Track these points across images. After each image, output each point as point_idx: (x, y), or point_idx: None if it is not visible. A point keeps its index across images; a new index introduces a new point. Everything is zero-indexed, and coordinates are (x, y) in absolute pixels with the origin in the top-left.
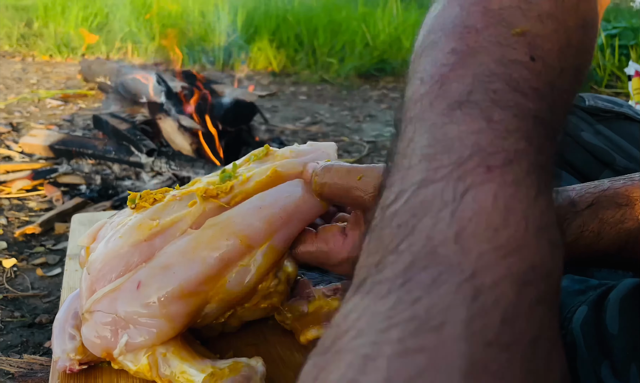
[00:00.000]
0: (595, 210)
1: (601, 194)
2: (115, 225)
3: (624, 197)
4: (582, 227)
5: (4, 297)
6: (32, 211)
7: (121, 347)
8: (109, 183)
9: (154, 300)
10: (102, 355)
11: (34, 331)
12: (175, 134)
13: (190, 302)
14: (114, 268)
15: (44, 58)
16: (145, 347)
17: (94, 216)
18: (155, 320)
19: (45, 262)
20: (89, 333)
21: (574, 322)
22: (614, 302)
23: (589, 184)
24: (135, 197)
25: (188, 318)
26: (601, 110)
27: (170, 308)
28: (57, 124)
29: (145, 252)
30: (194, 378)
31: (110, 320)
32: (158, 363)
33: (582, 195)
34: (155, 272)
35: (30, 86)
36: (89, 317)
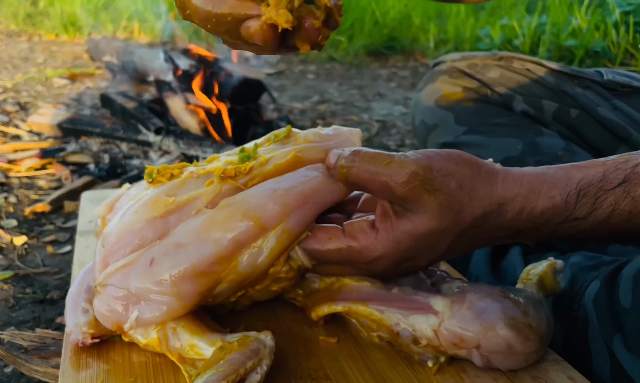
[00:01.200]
0: (627, 188)
1: (632, 170)
2: (132, 198)
3: None
4: (613, 206)
5: (15, 273)
6: (41, 189)
7: (131, 321)
8: (118, 161)
9: (165, 277)
10: (113, 328)
11: (46, 307)
12: (183, 113)
13: (201, 281)
14: (127, 243)
15: (51, 37)
16: (155, 323)
17: (103, 194)
18: (166, 297)
19: (56, 240)
20: (100, 306)
21: (586, 297)
22: (627, 277)
23: (619, 158)
24: (152, 171)
25: (199, 298)
26: (619, 85)
27: (182, 287)
28: (65, 103)
29: (160, 228)
30: (203, 352)
31: (122, 295)
32: (168, 337)
33: (612, 172)
34: (169, 250)
35: (37, 65)
36: (102, 290)
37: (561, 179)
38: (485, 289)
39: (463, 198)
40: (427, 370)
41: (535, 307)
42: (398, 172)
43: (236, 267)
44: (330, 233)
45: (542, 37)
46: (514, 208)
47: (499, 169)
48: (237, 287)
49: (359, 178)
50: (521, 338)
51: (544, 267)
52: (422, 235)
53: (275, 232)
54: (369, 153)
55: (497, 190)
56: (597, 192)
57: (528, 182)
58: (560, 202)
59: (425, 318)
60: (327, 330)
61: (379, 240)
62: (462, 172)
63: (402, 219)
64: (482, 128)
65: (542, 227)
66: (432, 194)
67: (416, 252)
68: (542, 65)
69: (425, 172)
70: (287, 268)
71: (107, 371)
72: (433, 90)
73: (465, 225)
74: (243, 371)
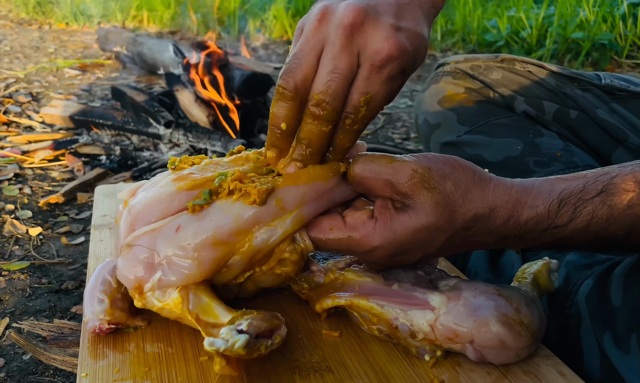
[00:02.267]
0: (604, 198)
1: (610, 181)
2: (156, 181)
3: (632, 182)
4: (592, 214)
5: (31, 263)
6: (54, 181)
7: (154, 281)
8: (128, 154)
9: (189, 242)
10: (134, 287)
11: (61, 297)
12: (192, 106)
13: (219, 250)
14: (153, 211)
15: (61, 26)
16: (174, 286)
17: (116, 187)
18: (187, 262)
19: (69, 231)
20: (125, 265)
21: (579, 295)
22: (619, 275)
23: (600, 171)
24: (175, 160)
25: (215, 265)
26: (616, 89)
27: (202, 253)
28: (76, 94)
29: (184, 199)
30: (220, 316)
31: (147, 255)
32: (189, 297)
33: (592, 183)
34: (194, 219)
35: (48, 55)
36: (127, 250)
37: (545, 190)
38: (481, 287)
39: (457, 199)
40: (424, 364)
41: (528, 304)
42: (400, 170)
43: (251, 241)
44: (331, 223)
45: (550, 29)
46: (502, 215)
47: (491, 177)
48: (248, 261)
49: (364, 177)
50: (513, 334)
51: (538, 266)
52: (418, 229)
53: (292, 216)
54: (373, 155)
55: (488, 196)
56: (576, 202)
57: (516, 191)
58: (543, 211)
59: (422, 313)
60: (330, 323)
61: (377, 230)
62: (457, 175)
63: (400, 213)
64: (483, 128)
65: (526, 234)
66: (429, 192)
67: (411, 246)
68: (544, 67)
69: (424, 170)
70: (292, 249)
71: (122, 361)
72: (436, 90)
73: (458, 225)
74: (275, 322)
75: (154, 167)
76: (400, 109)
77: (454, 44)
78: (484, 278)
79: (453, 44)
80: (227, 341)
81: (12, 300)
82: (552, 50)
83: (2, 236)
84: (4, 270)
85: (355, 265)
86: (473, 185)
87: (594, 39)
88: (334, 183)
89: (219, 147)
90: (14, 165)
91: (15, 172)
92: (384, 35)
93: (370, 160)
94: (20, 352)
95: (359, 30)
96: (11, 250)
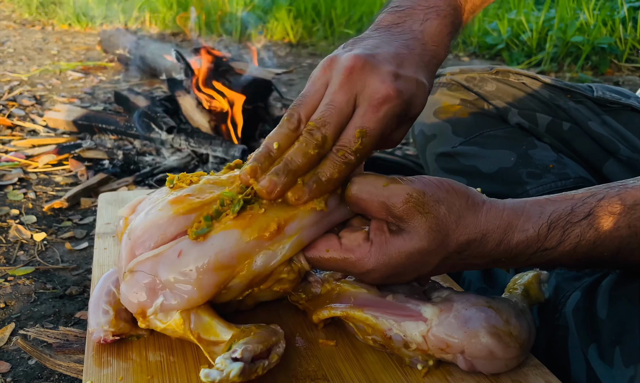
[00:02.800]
0: (591, 221)
1: (597, 204)
2: (154, 201)
3: (618, 205)
4: (579, 237)
5: (36, 269)
6: (58, 185)
7: (156, 306)
8: (131, 158)
9: (191, 268)
10: (137, 312)
11: (65, 302)
12: (194, 111)
13: (220, 274)
14: (152, 236)
15: (63, 27)
16: (176, 310)
17: (119, 195)
18: (189, 287)
19: (73, 236)
20: (128, 290)
21: (567, 307)
22: (605, 289)
23: (588, 192)
24: (173, 178)
25: (216, 289)
26: (608, 101)
27: (204, 278)
28: (79, 97)
29: (182, 224)
30: (221, 334)
31: (150, 281)
32: (191, 319)
33: (580, 205)
34: (196, 244)
35: (51, 57)
36: (130, 276)
37: (535, 213)
38: (472, 299)
39: (450, 224)
40: (417, 373)
41: (517, 316)
42: (395, 194)
43: (250, 264)
44: (328, 245)
45: (550, 32)
46: (494, 239)
47: (484, 201)
48: (247, 283)
49: (360, 199)
50: (502, 345)
51: (529, 277)
52: (411, 253)
53: (291, 241)
54: (369, 176)
55: (481, 221)
56: (565, 225)
57: (507, 215)
58: (532, 234)
59: (415, 324)
60: (327, 332)
61: (372, 253)
62: (451, 200)
63: (395, 237)
64: (478, 139)
65: (516, 257)
66: (423, 216)
67: (404, 269)
68: (537, 79)
69: (419, 195)
70: (289, 269)
71: (126, 369)
72: (432, 101)
73: (450, 249)
74: (271, 342)
75: (156, 172)
76: None
77: (454, 46)
78: (477, 286)
79: (453, 46)
80: (222, 371)
81: (18, 305)
82: (552, 54)
83: (8, 241)
84: (10, 275)
85: (350, 276)
86: (466, 210)
87: (593, 43)
88: (333, 206)
89: (220, 153)
90: (18, 169)
91: (19, 176)
92: (382, 79)
93: (366, 181)
94: (26, 357)
95: (359, 73)
96: (16, 256)
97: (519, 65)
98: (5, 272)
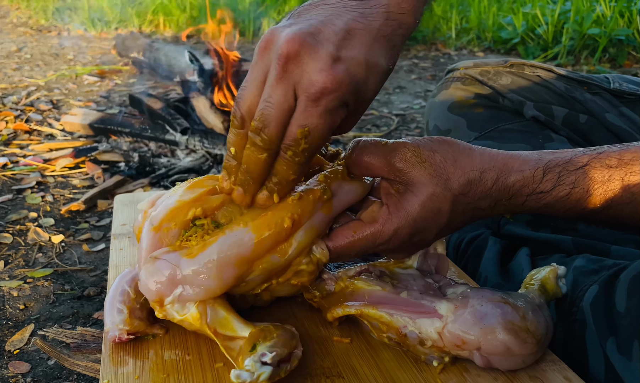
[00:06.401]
0: (587, 170)
1: (596, 156)
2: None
3: (615, 159)
4: (573, 183)
5: (54, 270)
6: (75, 188)
7: (175, 296)
8: (146, 160)
9: (212, 261)
10: (155, 300)
11: (83, 303)
12: (207, 113)
13: (241, 267)
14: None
15: (79, 32)
16: (193, 301)
17: (135, 196)
18: (209, 279)
19: (90, 238)
20: (147, 277)
21: (584, 301)
22: (623, 282)
23: (589, 148)
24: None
25: (234, 281)
26: (625, 93)
27: (224, 270)
28: (95, 101)
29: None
30: (237, 330)
31: (170, 270)
32: (207, 312)
33: (579, 156)
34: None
35: (67, 62)
36: (152, 263)
37: (532, 159)
38: (487, 294)
39: (448, 167)
40: (432, 369)
41: (534, 311)
42: (393, 149)
43: (269, 256)
44: (352, 228)
45: (566, 25)
46: (491, 178)
47: (476, 146)
48: (266, 275)
49: (362, 160)
50: (519, 341)
51: (546, 272)
52: (423, 202)
53: (304, 228)
54: (368, 140)
55: (475, 161)
56: (561, 171)
57: (503, 158)
58: (528, 175)
59: (430, 321)
60: (341, 330)
61: (392, 213)
62: (444, 148)
63: (404, 193)
64: (492, 133)
65: (514, 197)
66: (422, 166)
67: (424, 221)
68: (553, 71)
69: (414, 147)
70: (308, 260)
71: (142, 368)
72: (446, 96)
73: (455, 191)
74: (292, 345)
75: (171, 173)
76: (414, 109)
77: (469, 41)
78: (493, 282)
79: (468, 41)
80: (253, 374)
81: (37, 306)
82: (569, 47)
83: (27, 244)
84: (29, 277)
85: (365, 274)
86: (460, 154)
87: (610, 35)
88: (336, 188)
89: None
90: (36, 173)
91: (37, 180)
92: (319, 66)
93: (365, 143)
94: (45, 358)
95: (295, 60)
96: (35, 258)
97: (535, 58)
98: (25, 274)
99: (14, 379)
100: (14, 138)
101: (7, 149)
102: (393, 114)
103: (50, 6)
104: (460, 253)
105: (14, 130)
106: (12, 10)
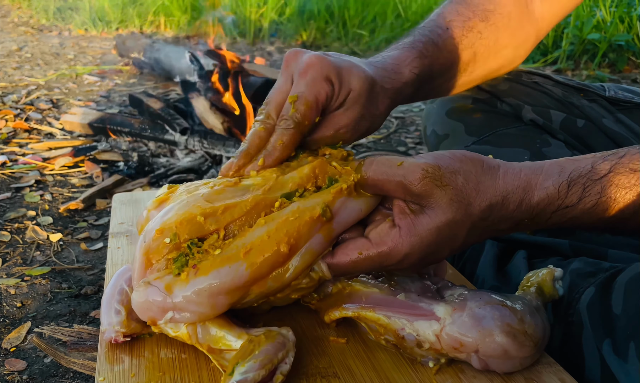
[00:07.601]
0: (612, 177)
1: (618, 161)
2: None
3: (639, 162)
4: (600, 194)
5: (52, 269)
6: (74, 187)
7: (166, 320)
8: (146, 160)
9: (204, 291)
10: (148, 321)
11: (81, 301)
12: (207, 113)
13: (235, 295)
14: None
15: (80, 32)
16: (186, 323)
17: (133, 195)
18: (200, 306)
19: (88, 237)
20: (139, 301)
21: (581, 303)
22: (620, 284)
23: (609, 151)
24: None
25: (228, 307)
26: (621, 100)
27: (217, 299)
28: (95, 100)
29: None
30: (231, 343)
31: (162, 297)
32: (197, 332)
33: (601, 163)
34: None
35: (68, 61)
36: (145, 287)
37: (554, 171)
38: (485, 297)
39: (470, 192)
40: (428, 370)
41: (532, 314)
42: (410, 172)
43: (265, 282)
44: (357, 247)
45: (566, 30)
46: (514, 200)
47: (499, 164)
48: (263, 298)
49: (377, 180)
50: (516, 344)
51: (543, 275)
52: (440, 228)
53: (300, 252)
54: (383, 158)
55: (499, 184)
56: (585, 182)
57: (526, 175)
58: (553, 191)
59: (428, 323)
60: (338, 331)
61: (404, 237)
62: (466, 169)
63: (420, 215)
64: (490, 138)
65: (538, 216)
66: (442, 189)
67: (437, 246)
68: (550, 78)
69: (435, 169)
70: (308, 280)
71: (138, 366)
72: (444, 101)
73: (475, 217)
74: (276, 360)
75: (170, 173)
76: (414, 112)
77: None
78: (490, 284)
79: None
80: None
81: (34, 304)
82: (569, 52)
83: (25, 242)
84: (26, 275)
85: (362, 276)
86: (483, 176)
87: (610, 40)
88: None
89: (233, 154)
90: (35, 172)
91: (36, 178)
92: (311, 54)
93: (381, 162)
94: (42, 355)
95: (294, 58)
96: (33, 256)
97: (534, 63)
98: (22, 272)
99: (10, 377)
100: (14, 136)
101: (6, 147)
102: (392, 116)
103: (52, 6)
104: (457, 256)
105: (13, 128)
106: (13, 9)
